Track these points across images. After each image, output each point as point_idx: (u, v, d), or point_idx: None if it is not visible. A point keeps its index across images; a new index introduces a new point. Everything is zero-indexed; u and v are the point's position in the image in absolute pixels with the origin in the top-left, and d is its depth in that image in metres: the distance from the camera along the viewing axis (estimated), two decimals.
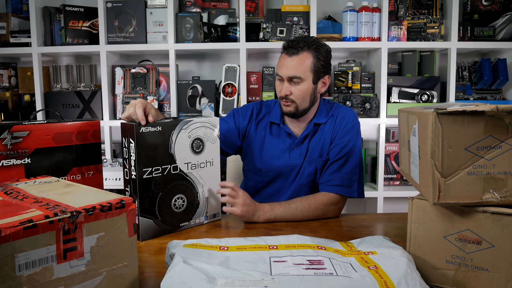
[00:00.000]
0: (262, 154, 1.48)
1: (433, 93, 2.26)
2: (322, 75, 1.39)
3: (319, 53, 1.36)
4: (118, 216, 0.68)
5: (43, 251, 0.58)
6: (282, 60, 1.38)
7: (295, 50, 1.34)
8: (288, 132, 1.46)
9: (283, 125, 1.46)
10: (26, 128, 1.05)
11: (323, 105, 1.48)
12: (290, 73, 1.34)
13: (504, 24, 2.23)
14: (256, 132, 1.50)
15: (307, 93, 1.37)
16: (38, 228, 0.57)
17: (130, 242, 0.70)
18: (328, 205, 1.33)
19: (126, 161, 1.11)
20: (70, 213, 0.61)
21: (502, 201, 0.74)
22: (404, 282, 0.70)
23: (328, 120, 1.45)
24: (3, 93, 2.40)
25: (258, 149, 1.49)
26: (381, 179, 2.29)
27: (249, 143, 1.50)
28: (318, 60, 1.36)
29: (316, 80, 1.38)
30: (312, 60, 1.35)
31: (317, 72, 1.37)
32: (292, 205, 1.28)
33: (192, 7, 2.33)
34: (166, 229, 1.16)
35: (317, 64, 1.36)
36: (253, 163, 1.50)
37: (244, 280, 0.69)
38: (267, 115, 1.51)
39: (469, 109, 0.71)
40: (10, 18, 2.31)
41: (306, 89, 1.36)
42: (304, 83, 1.36)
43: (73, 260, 0.62)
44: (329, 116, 1.45)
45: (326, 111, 1.47)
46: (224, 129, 1.48)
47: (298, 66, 1.34)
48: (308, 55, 1.35)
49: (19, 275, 0.56)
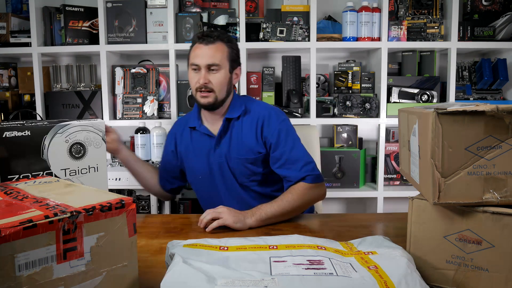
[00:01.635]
0: (192, 161, 1.49)
1: (433, 93, 2.26)
2: (235, 65, 1.43)
3: (232, 44, 1.41)
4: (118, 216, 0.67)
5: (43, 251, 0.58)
6: (197, 50, 1.37)
7: (211, 39, 1.36)
8: (206, 134, 1.45)
9: (200, 127, 1.46)
10: None
11: (236, 99, 1.47)
12: (208, 60, 1.35)
13: (504, 24, 2.23)
14: (182, 143, 1.51)
15: (225, 82, 1.38)
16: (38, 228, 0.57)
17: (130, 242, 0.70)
18: (310, 189, 1.31)
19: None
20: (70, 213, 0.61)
21: (502, 201, 0.74)
22: (404, 282, 0.70)
23: (246, 116, 1.43)
24: (3, 93, 2.40)
25: (189, 157, 1.49)
26: (381, 179, 2.29)
27: (181, 158, 1.52)
28: (232, 50, 1.40)
29: (232, 70, 1.41)
30: (227, 49, 1.38)
31: (232, 61, 1.40)
32: (277, 200, 1.27)
33: (192, 7, 2.33)
34: None
35: (231, 54, 1.39)
36: (191, 174, 1.51)
37: (244, 280, 0.69)
38: (185, 124, 1.52)
39: (469, 109, 0.71)
40: (10, 18, 2.31)
41: (224, 77, 1.38)
42: (221, 71, 1.37)
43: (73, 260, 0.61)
44: (242, 110, 1.43)
45: (238, 104, 1.45)
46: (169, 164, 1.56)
47: (216, 54, 1.35)
48: (223, 45, 1.38)
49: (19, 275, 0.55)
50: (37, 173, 1.06)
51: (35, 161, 1.05)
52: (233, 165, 1.42)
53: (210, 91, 1.37)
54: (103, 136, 1.19)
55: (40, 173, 1.06)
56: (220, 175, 1.45)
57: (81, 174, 1.15)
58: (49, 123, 1.09)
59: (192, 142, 1.49)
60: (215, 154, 1.44)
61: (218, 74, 1.36)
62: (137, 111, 2.31)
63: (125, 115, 2.31)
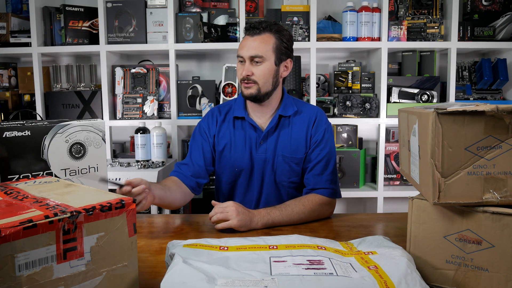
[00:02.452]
0: (231, 152, 1.43)
1: (433, 93, 2.26)
2: (284, 57, 1.37)
3: (282, 35, 1.35)
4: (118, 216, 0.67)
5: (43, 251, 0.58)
6: (243, 42, 1.35)
7: (257, 31, 1.33)
8: (253, 125, 1.41)
9: (248, 118, 1.41)
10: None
11: (287, 98, 1.45)
12: (251, 52, 1.32)
13: (504, 24, 2.23)
14: (222, 132, 1.45)
15: (269, 74, 1.34)
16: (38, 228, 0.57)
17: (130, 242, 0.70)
18: (322, 205, 1.32)
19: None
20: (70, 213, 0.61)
21: (502, 201, 0.74)
22: (404, 282, 0.70)
23: (296, 116, 1.42)
24: (3, 93, 2.40)
25: (227, 147, 1.44)
26: (381, 179, 2.29)
27: (218, 145, 1.45)
28: (281, 42, 1.34)
29: (279, 62, 1.36)
30: (274, 41, 1.33)
31: (279, 53, 1.35)
32: (288, 208, 1.25)
33: (192, 7, 2.33)
34: None
35: (279, 46, 1.34)
36: (225, 163, 1.45)
37: (244, 280, 0.69)
38: (229, 113, 1.46)
39: (469, 109, 0.71)
40: (10, 18, 2.31)
41: (268, 69, 1.33)
42: (266, 63, 1.33)
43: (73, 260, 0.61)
44: (294, 111, 1.41)
45: (290, 103, 1.43)
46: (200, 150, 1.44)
47: (259, 45, 1.32)
48: (270, 36, 1.33)
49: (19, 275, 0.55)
50: (37, 173, 1.06)
51: (35, 161, 1.05)
52: (277, 163, 1.41)
53: (253, 82, 1.34)
54: (103, 136, 1.19)
55: (40, 173, 1.06)
56: (260, 170, 1.42)
57: (81, 174, 1.15)
58: (49, 123, 1.09)
59: (235, 132, 1.43)
60: (259, 149, 1.41)
61: (261, 66, 1.33)
62: (137, 111, 2.31)
63: (125, 115, 2.31)
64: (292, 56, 1.41)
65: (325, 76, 2.42)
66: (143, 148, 2.16)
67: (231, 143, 1.43)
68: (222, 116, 1.46)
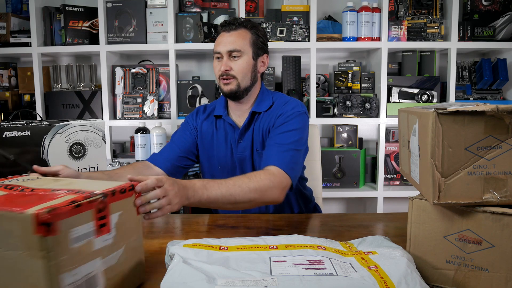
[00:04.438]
0: (213, 151, 1.43)
1: (433, 93, 2.26)
2: (261, 52, 1.38)
3: (258, 30, 1.37)
4: (130, 198, 0.79)
5: (85, 227, 0.67)
6: (219, 38, 1.35)
7: (234, 26, 1.34)
8: (231, 124, 1.41)
9: (226, 117, 1.41)
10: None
11: (264, 93, 1.42)
12: (229, 47, 1.32)
13: (504, 24, 2.24)
14: (204, 130, 1.45)
15: (247, 68, 1.34)
16: (81, 207, 0.66)
17: (138, 219, 0.82)
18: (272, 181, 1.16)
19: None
20: (101, 194, 0.70)
21: (502, 201, 0.74)
22: (404, 282, 0.70)
23: (269, 110, 1.39)
24: (3, 93, 2.40)
25: (209, 146, 1.44)
26: (381, 179, 2.29)
27: (201, 142, 1.45)
28: (257, 37, 1.36)
29: (256, 57, 1.36)
30: (250, 36, 1.35)
31: (256, 48, 1.35)
32: (229, 182, 1.10)
33: (192, 7, 2.33)
34: None
35: (256, 40, 1.35)
36: (208, 162, 1.45)
37: (244, 280, 0.69)
38: (212, 112, 1.47)
39: (469, 109, 0.71)
40: (10, 18, 2.31)
41: (246, 63, 1.33)
42: (244, 58, 1.33)
43: (104, 234, 0.71)
44: (269, 105, 1.39)
45: (266, 98, 1.41)
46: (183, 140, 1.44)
47: (237, 40, 1.32)
48: (246, 31, 1.35)
49: (71, 247, 0.65)
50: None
51: (35, 161, 1.05)
52: (255, 159, 1.39)
53: (232, 77, 1.33)
54: (103, 136, 1.19)
55: None
56: (241, 168, 1.41)
57: None
58: (49, 123, 1.09)
59: (216, 131, 1.44)
60: (239, 147, 1.40)
61: (239, 60, 1.33)
62: (137, 111, 2.31)
63: (125, 115, 2.31)
64: (267, 51, 1.42)
65: (325, 76, 2.42)
66: (143, 148, 2.16)
67: (212, 143, 1.43)
68: (205, 115, 1.47)
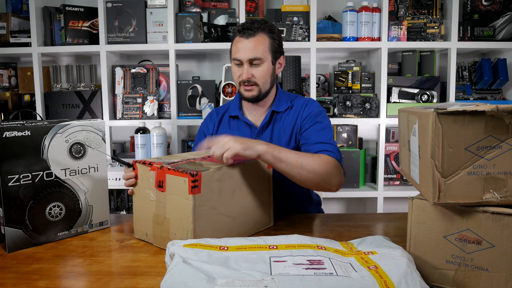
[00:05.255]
0: None
1: (433, 93, 2.26)
2: (278, 55, 1.39)
3: (274, 33, 1.36)
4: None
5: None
6: (238, 44, 1.34)
7: (252, 32, 1.32)
8: (247, 123, 1.42)
9: (242, 117, 1.43)
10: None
11: (282, 93, 1.46)
12: (250, 55, 1.31)
13: (504, 24, 2.24)
14: (219, 133, 1.46)
15: (268, 74, 1.36)
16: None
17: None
18: (333, 164, 1.22)
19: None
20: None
21: (502, 201, 0.74)
22: (404, 282, 0.70)
23: (288, 110, 1.42)
24: (3, 93, 2.40)
25: None
26: (381, 179, 2.29)
27: None
28: (274, 40, 1.36)
29: (274, 61, 1.38)
30: (268, 41, 1.34)
31: (274, 52, 1.36)
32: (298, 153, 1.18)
33: (192, 7, 2.33)
34: (40, 239, 1.08)
35: (273, 44, 1.35)
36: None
37: (244, 280, 0.69)
38: (226, 114, 1.48)
39: (469, 109, 0.71)
40: (10, 18, 2.31)
41: (267, 69, 1.35)
42: (264, 64, 1.34)
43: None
44: (288, 106, 1.42)
45: (284, 99, 1.44)
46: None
47: (256, 47, 1.32)
48: (264, 36, 1.33)
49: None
50: (37, 173, 1.06)
51: (35, 161, 1.06)
52: None
53: (253, 84, 1.35)
54: (103, 136, 1.19)
55: (40, 173, 1.06)
56: None
57: (81, 174, 1.15)
58: (49, 123, 1.09)
59: (231, 132, 1.44)
60: None
61: (260, 67, 1.34)
62: (137, 111, 2.31)
63: (125, 115, 2.31)
64: (283, 52, 1.43)
65: (325, 76, 2.42)
66: (143, 148, 2.16)
67: None
68: (219, 117, 1.49)
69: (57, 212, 1.11)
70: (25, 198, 1.05)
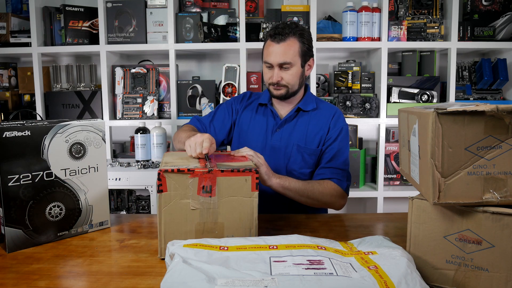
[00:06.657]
0: (248, 133, 1.50)
1: (433, 93, 2.26)
2: (307, 58, 1.44)
3: (304, 37, 1.41)
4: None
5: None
6: (269, 48, 1.40)
7: (282, 37, 1.37)
8: (273, 112, 1.49)
9: (270, 106, 1.50)
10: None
11: (310, 95, 1.52)
12: (280, 59, 1.37)
13: (504, 24, 2.24)
14: (244, 114, 1.54)
15: (297, 77, 1.42)
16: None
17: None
18: (336, 196, 1.38)
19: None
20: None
21: (502, 201, 0.74)
22: (404, 282, 0.70)
23: (315, 111, 1.48)
24: (3, 93, 2.40)
25: (245, 129, 1.51)
26: (381, 179, 2.29)
27: (237, 125, 1.54)
28: (303, 44, 1.40)
29: (304, 64, 1.43)
30: (299, 45, 1.39)
31: (304, 56, 1.41)
32: (305, 183, 1.32)
33: (192, 7, 2.33)
34: (40, 239, 1.08)
35: (303, 48, 1.40)
36: (240, 143, 1.51)
37: (244, 280, 0.69)
38: (256, 100, 1.56)
39: (469, 109, 0.71)
40: (10, 18, 2.31)
41: (296, 73, 1.41)
42: (293, 68, 1.39)
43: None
44: (313, 107, 1.48)
45: (311, 100, 1.50)
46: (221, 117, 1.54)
47: (287, 52, 1.37)
48: (294, 41, 1.38)
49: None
50: (37, 173, 1.06)
51: (35, 161, 1.06)
52: (291, 151, 1.45)
53: (283, 86, 1.41)
54: (103, 136, 1.19)
55: (40, 173, 1.06)
56: (272, 156, 1.46)
57: (81, 174, 1.15)
58: (49, 123, 1.09)
59: (256, 116, 1.52)
60: (274, 136, 1.47)
61: (290, 71, 1.39)
62: (137, 111, 2.31)
63: (125, 115, 2.31)
64: (313, 53, 1.48)
65: (325, 76, 2.42)
66: (143, 148, 2.16)
67: (249, 126, 1.51)
68: (250, 101, 1.57)
69: (57, 212, 1.11)
70: (25, 198, 1.05)
